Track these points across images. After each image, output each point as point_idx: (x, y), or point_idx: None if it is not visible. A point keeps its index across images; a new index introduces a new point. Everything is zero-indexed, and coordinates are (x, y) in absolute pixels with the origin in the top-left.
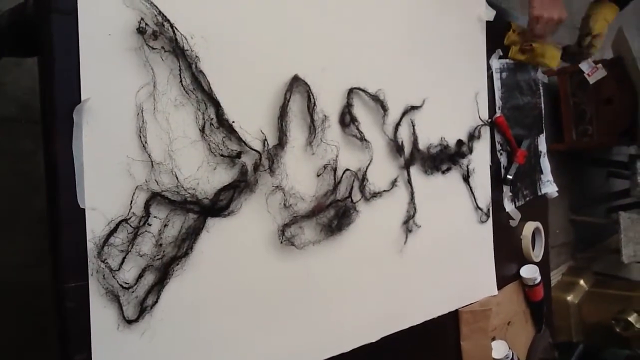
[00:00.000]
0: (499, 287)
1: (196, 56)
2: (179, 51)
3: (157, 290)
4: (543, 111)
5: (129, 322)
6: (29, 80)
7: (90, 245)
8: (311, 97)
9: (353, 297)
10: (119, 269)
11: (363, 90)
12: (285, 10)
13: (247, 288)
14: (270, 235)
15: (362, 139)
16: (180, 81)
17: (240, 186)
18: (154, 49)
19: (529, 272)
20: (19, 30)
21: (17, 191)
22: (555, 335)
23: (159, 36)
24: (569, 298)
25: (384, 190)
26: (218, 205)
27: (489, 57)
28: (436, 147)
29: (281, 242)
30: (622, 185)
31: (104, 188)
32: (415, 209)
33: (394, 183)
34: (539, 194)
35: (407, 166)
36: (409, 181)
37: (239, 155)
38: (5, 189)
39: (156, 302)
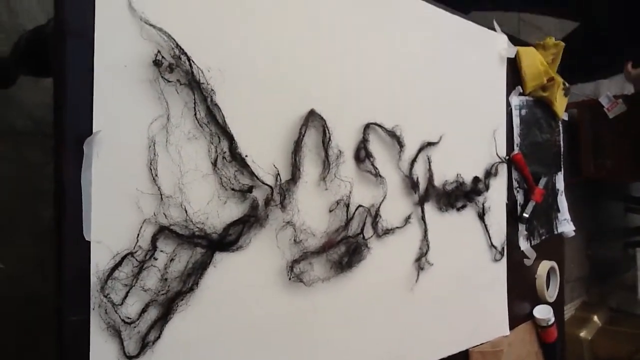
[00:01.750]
0: (511, 327)
1: (212, 89)
2: (194, 84)
3: (160, 325)
4: (562, 149)
5: (130, 357)
6: (45, 96)
7: (93, 279)
8: (327, 131)
9: (361, 335)
10: (122, 303)
11: (380, 126)
12: (303, 44)
13: (252, 325)
14: (279, 271)
15: (377, 174)
16: (195, 114)
17: (250, 221)
18: (170, 81)
19: (543, 312)
20: (38, 50)
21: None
22: None
23: (175, 69)
24: (582, 334)
25: (397, 227)
26: (226, 240)
27: (508, 93)
28: (452, 183)
29: (289, 279)
30: (639, 220)
31: (111, 221)
32: (428, 246)
33: (407, 220)
34: (555, 232)
35: (421, 203)
36: (423, 218)
37: (250, 189)
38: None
39: (158, 337)
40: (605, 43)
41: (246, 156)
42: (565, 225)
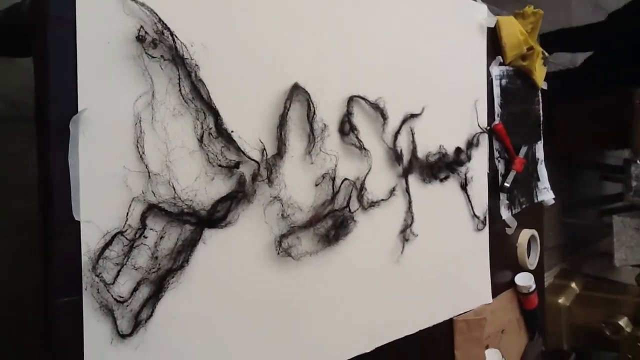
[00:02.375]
0: (494, 295)
1: (196, 64)
2: (178, 59)
3: (152, 303)
4: (542, 118)
5: (123, 336)
6: (19, 78)
7: (84, 259)
8: (311, 105)
9: (349, 307)
10: (114, 282)
11: (363, 99)
12: (286, 19)
13: (243, 300)
14: (267, 246)
15: (362, 147)
16: (180, 90)
17: (238, 197)
18: (153, 57)
19: (524, 280)
20: (13, 30)
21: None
22: (547, 339)
23: (159, 44)
24: (560, 301)
25: (382, 200)
26: (215, 217)
27: (489, 63)
28: (435, 155)
29: (278, 254)
30: (614, 188)
31: (100, 200)
32: (412, 218)
33: (392, 192)
34: (536, 201)
35: (405, 175)
36: (407, 190)
37: (237, 165)
38: None
39: (151, 315)
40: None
41: (232, 132)
42: (545, 194)
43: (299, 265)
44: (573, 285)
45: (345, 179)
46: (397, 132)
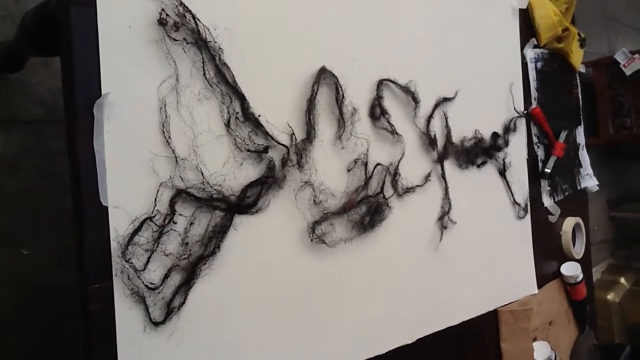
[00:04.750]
0: (539, 285)
1: (219, 48)
2: (201, 43)
3: (184, 290)
4: (581, 102)
5: (156, 324)
6: (56, 80)
7: (114, 245)
8: (339, 89)
9: (387, 296)
10: (144, 269)
11: (393, 82)
12: (313, 1)
13: (276, 288)
14: (300, 233)
15: (394, 132)
16: (204, 74)
17: (268, 182)
18: (176, 40)
19: (570, 269)
20: (44, 28)
21: (45, 193)
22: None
23: (181, 27)
24: (610, 297)
25: (417, 186)
26: (245, 202)
27: (522, 46)
28: (470, 140)
29: (311, 240)
30: None
31: (127, 185)
32: (450, 204)
33: (427, 178)
34: (579, 188)
35: (440, 160)
36: (443, 176)
37: (266, 150)
38: (34, 190)
39: (183, 303)
40: None
41: (259, 116)
42: (589, 180)
43: (334, 252)
44: (623, 280)
45: (378, 164)
46: (430, 117)
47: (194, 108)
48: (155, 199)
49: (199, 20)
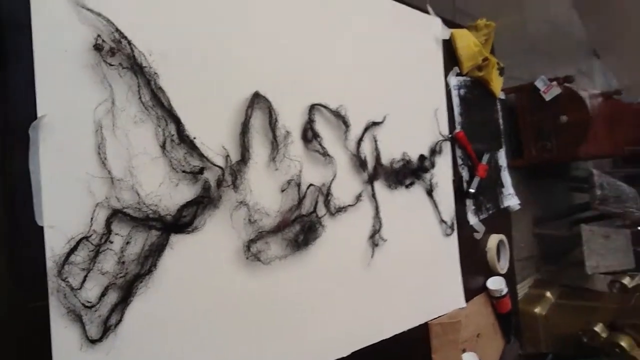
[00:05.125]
0: (467, 299)
1: (155, 73)
2: (137, 68)
3: (121, 308)
4: (502, 126)
5: (93, 341)
6: None
7: (49, 264)
8: (273, 113)
9: (322, 311)
10: (81, 287)
11: (324, 107)
12: (246, 27)
13: (213, 305)
14: (236, 251)
15: (325, 154)
16: (140, 98)
17: (203, 202)
18: (112, 65)
19: (496, 283)
20: None
21: None
22: (526, 347)
23: (117, 53)
24: (537, 310)
25: (349, 205)
26: (181, 222)
27: (446, 74)
28: (399, 162)
29: (247, 258)
30: (583, 198)
31: (63, 205)
32: (380, 223)
33: (358, 198)
34: (502, 206)
35: (371, 181)
36: (374, 196)
37: (201, 171)
38: None
39: (120, 320)
40: None
41: (195, 138)
42: (510, 199)
43: (270, 269)
44: (548, 294)
45: (311, 184)
46: (360, 139)
47: (130, 130)
48: (92, 218)
49: (134, 46)
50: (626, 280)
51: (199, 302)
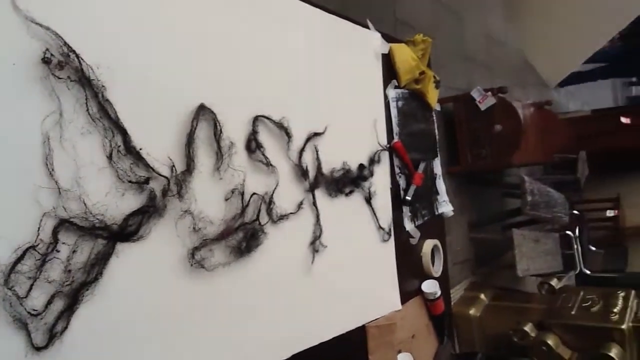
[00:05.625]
0: (403, 302)
1: (102, 85)
2: (85, 81)
3: (67, 316)
4: (437, 137)
5: (38, 349)
6: None
7: None
8: (217, 124)
9: (264, 315)
10: (27, 295)
11: (268, 118)
12: (192, 41)
13: (158, 311)
14: (181, 259)
15: (268, 164)
16: (87, 110)
17: (149, 211)
18: (60, 78)
19: (430, 286)
20: None
21: None
22: (461, 347)
23: (65, 66)
24: (471, 312)
25: (291, 213)
26: (127, 231)
27: (385, 86)
28: (339, 171)
29: (191, 265)
30: (515, 204)
31: (11, 216)
32: (321, 230)
33: (299, 206)
34: (436, 213)
35: (312, 189)
36: (314, 204)
37: (147, 181)
38: None
39: (66, 327)
40: None
41: (141, 149)
42: (445, 206)
43: (213, 276)
44: (482, 296)
45: (254, 193)
46: (302, 150)
47: (78, 142)
48: (39, 228)
49: (82, 59)
50: (554, 282)
51: (144, 308)
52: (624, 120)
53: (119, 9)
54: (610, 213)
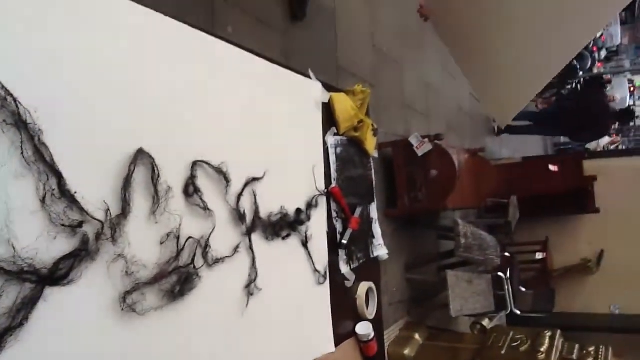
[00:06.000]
0: (337, 343)
1: (39, 129)
2: (21, 124)
3: None
4: (374, 182)
5: None
6: None
7: None
8: (155, 169)
9: (198, 359)
10: None
11: (207, 163)
12: (132, 87)
13: (88, 356)
14: (112, 303)
15: (205, 208)
16: (22, 153)
17: (80, 255)
18: None
19: (364, 329)
20: None
21: None
22: None
23: (1, 109)
24: (406, 352)
25: (227, 256)
26: (57, 275)
27: (325, 133)
28: (276, 215)
29: (122, 309)
30: (449, 246)
31: None
32: (256, 273)
33: (236, 249)
34: (372, 256)
35: (249, 233)
36: (251, 247)
37: (80, 224)
38: None
39: None
40: None
41: (75, 192)
42: (380, 250)
43: (145, 320)
44: (417, 336)
45: (190, 237)
46: (240, 194)
47: (10, 185)
48: None
49: (20, 103)
50: (486, 322)
51: (72, 352)
52: (552, 168)
53: (59, 53)
54: (539, 256)
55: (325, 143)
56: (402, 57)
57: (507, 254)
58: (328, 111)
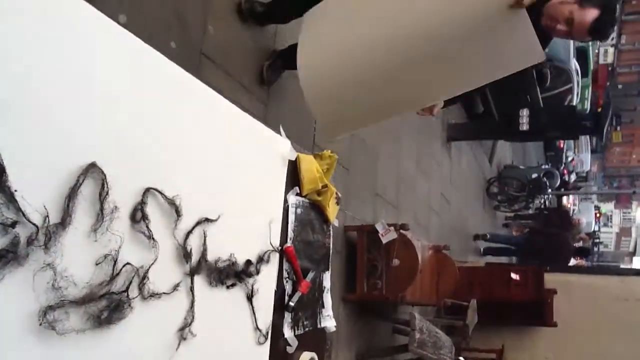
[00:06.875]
0: None
1: None
2: None
3: None
4: (331, 251)
5: None
6: None
7: None
8: (105, 186)
9: None
10: None
11: (160, 192)
12: (102, 101)
13: None
14: (30, 315)
15: (150, 237)
16: None
17: (7, 257)
18: None
19: None
20: None
21: None
22: None
23: None
24: None
25: (164, 293)
26: None
27: (287, 191)
28: (225, 261)
29: (40, 324)
30: (403, 340)
31: None
32: (193, 317)
33: (175, 287)
34: (319, 326)
35: (192, 274)
36: (192, 289)
37: (13, 224)
38: None
39: None
40: None
41: (16, 191)
42: (328, 321)
43: (63, 341)
44: None
45: (128, 263)
46: (190, 232)
47: None
48: None
49: None
50: None
51: None
52: (513, 276)
53: (26, 48)
54: None
55: (286, 201)
56: (379, 149)
57: (461, 357)
58: (294, 171)
